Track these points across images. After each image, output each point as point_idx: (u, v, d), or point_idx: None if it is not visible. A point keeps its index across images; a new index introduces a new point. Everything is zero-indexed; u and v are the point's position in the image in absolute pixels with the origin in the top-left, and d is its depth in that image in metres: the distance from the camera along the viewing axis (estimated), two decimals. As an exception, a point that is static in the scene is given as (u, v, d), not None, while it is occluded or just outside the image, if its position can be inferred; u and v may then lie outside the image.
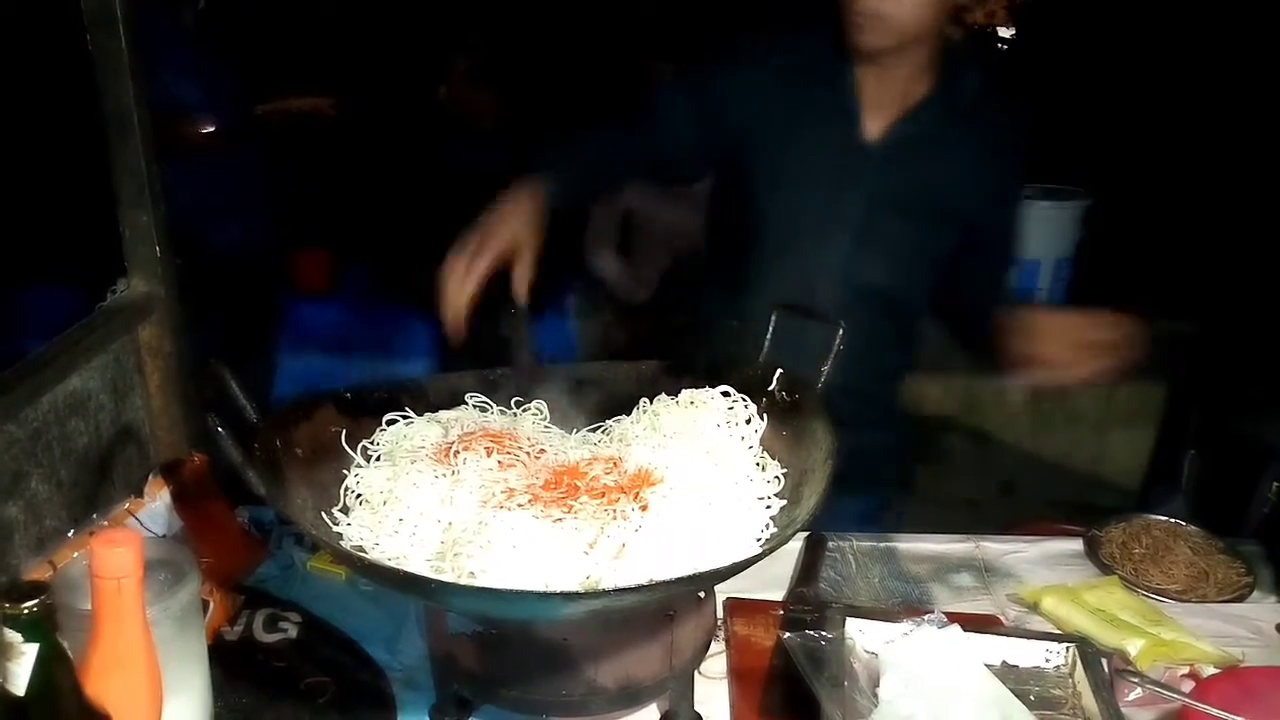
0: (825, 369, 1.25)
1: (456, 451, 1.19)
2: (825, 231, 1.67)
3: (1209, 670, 1.24)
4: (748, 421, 1.27)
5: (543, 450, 1.27)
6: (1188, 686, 1.20)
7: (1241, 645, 1.35)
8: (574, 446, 1.31)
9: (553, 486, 1.17)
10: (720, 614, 1.38)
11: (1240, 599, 1.48)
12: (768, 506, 1.16)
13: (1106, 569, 1.53)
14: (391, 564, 1.07)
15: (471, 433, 1.25)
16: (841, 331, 1.25)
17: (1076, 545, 1.61)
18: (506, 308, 1.46)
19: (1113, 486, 3.52)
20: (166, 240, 1.52)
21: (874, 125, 1.67)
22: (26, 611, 0.83)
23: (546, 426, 1.35)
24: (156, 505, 1.37)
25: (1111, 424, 3.60)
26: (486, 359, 1.41)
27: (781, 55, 1.71)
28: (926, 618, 1.18)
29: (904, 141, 1.66)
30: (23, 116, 3.01)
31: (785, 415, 1.26)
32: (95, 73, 1.44)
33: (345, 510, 1.17)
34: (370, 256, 3.49)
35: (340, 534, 1.12)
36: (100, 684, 0.90)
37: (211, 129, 2.84)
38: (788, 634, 1.21)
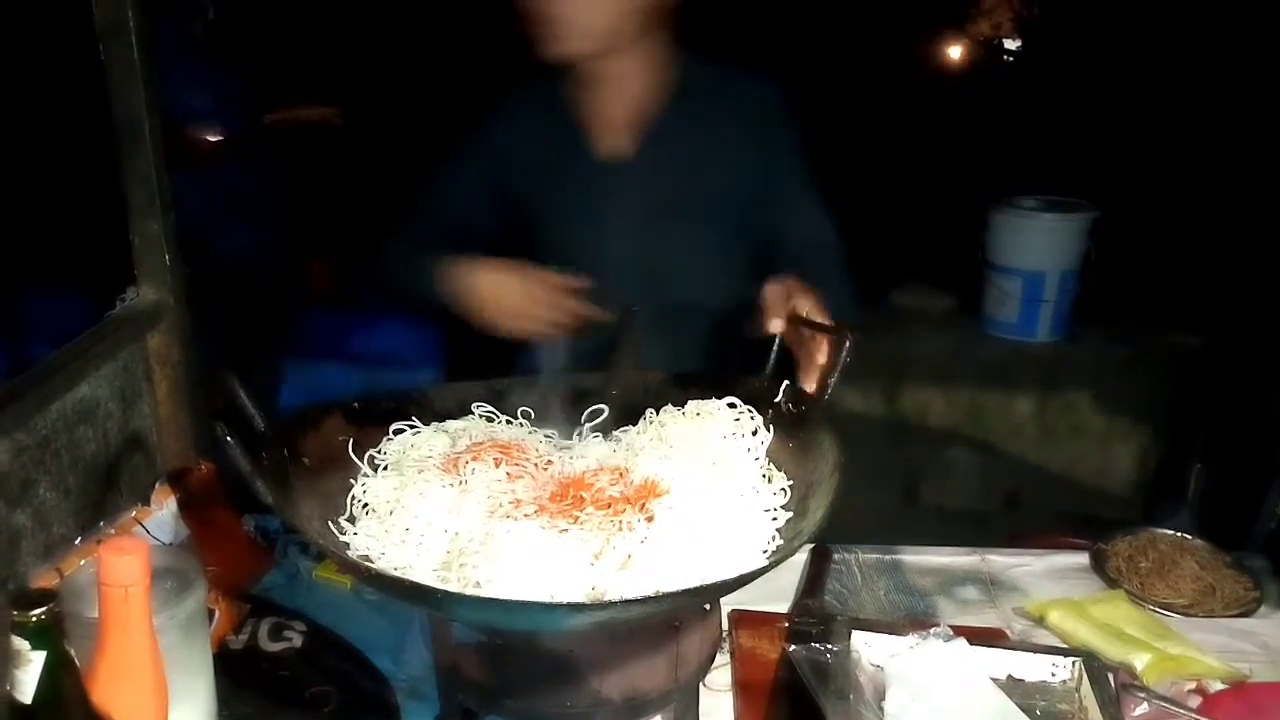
0: (832, 381, 1.25)
1: (465, 462, 1.19)
2: (612, 257, 1.65)
3: (1216, 686, 1.24)
4: (754, 433, 1.27)
5: (550, 462, 1.27)
6: (1194, 702, 1.20)
7: (1249, 661, 1.34)
8: (580, 457, 1.31)
9: (559, 498, 1.17)
10: (725, 626, 1.38)
11: (1248, 614, 1.47)
12: (774, 518, 1.16)
13: (1113, 583, 1.53)
14: (397, 573, 1.07)
15: (480, 443, 1.25)
16: (849, 343, 1.25)
17: (1082, 559, 1.61)
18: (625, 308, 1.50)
19: (1118, 499, 3.51)
20: (176, 249, 1.53)
21: (622, 141, 1.66)
22: (34, 619, 0.83)
23: (549, 438, 1.35)
24: (163, 513, 1.38)
25: (1117, 437, 3.59)
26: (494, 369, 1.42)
27: (523, 99, 1.73)
28: (932, 631, 1.18)
29: (657, 148, 1.65)
30: (33, 125, 3.03)
31: (792, 427, 1.26)
32: (106, 81, 1.45)
33: (352, 519, 1.17)
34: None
35: (347, 543, 1.12)
36: (106, 692, 0.91)
37: (220, 138, 2.86)
38: (793, 646, 1.21)
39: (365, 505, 1.18)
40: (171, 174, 1.52)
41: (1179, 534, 1.64)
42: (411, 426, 1.30)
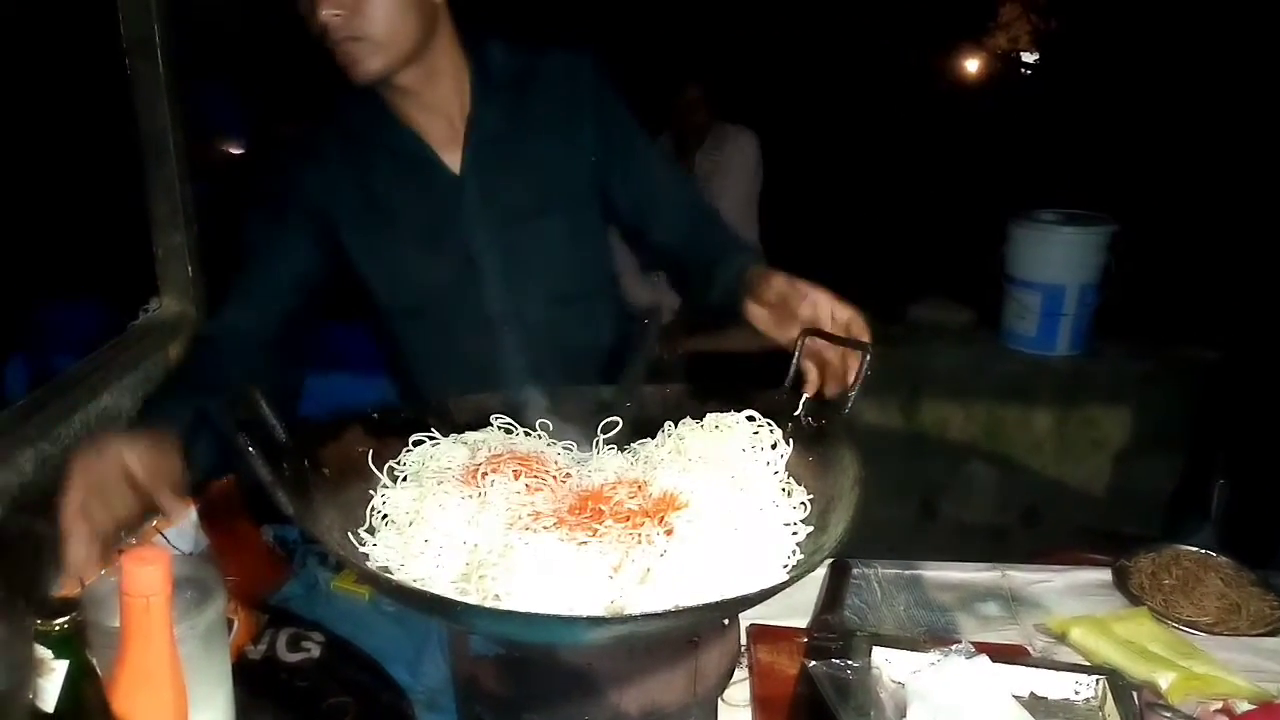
0: (852, 394, 1.24)
1: (484, 474, 1.19)
2: (472, 275, 1.58)
3: (1243, 706, 1.22)
4: (773, 446, 1.26)
5: (568, 474, 1.27)
6: (1220, 722, 1.18)
7: (1277, 681, 1.32)
8: (598, 470, 1.30)
9: (578, 511, 1.17)
10: (744, 641, 1.37)
11: (1274, 633, 1.45)
12: (794, 533, 1.15)
13: (1136, 600, 1.51)
14: (416, 585, 1.07)
15: (499, 455, 1.25)
16: (868, 356, 1.25)
17: (1105, 575, 1.59)
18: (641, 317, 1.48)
19: (1138, 515, 3.47)
20: (199, 261, 1.54)
21: (448, 151, 1.57)
22: (57, 628, 0.84)
23: (567, 449, 1.35)
24: (184, 523, 1.38)
25: (1137, 452, 3.56)
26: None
27: (341, 133, 1.60)
28: (954, 648, 1.17)
29: (483, 151, 1.57)
30: (60, 138, 3.06)
31: (812, 441, 1.26)
32: (132, 95, 1.47)
33: (371, 530, 1.17)
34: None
35: (366, 554, 1.12)
36: (128, 701, 0.91)
37: (241, 150, 2.88)
38: (813, 662, 1.20)
39: (385, 516, 1.18)
40: (194, 186, 1.54)
41: (1203, 551, 1.62)
42: (431, 438, 1.30)
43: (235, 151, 2.85)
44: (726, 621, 1.22)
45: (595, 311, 1.71)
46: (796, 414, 1.29)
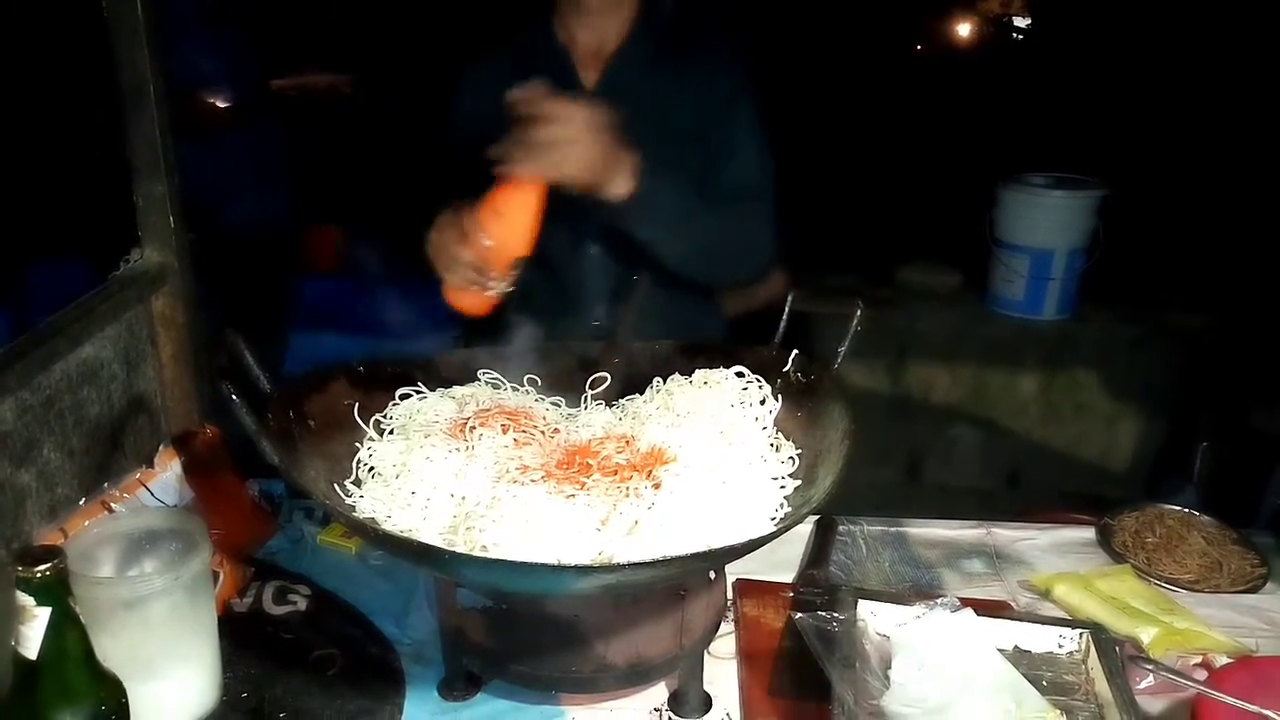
0: (843, 349, 1.24)
1: (472, 427, 1.19)
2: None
3: (1222, 660, 1.23)
4: (762, 402, 1.26)
5: (557, 429, 1.26)
6: (1200, 676, 1.19)
7: (1255, 636, 1.34)
8: (587, 425, 1.30)
9: (566, 465, 1.17)
10: (730, 595, 1.38)
11: (1254, 590, 1.47)
12: (782, 487, 1.15)
13: (1119, 558, 1.52)
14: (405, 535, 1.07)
15: (488, 409, 1.24)
16: (859, 313, 1.24)
17: (1088, 533, 1.60)
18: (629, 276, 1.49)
19: (1122, 479, 3.50)
20: (180, 211, 1.52)
21: (590, 74, 1.70)
22: (39, 575, 0.83)
23: (555, 405, 1.35)
24: (167, 476, 1.37)
25: (1122, 416, 3.58)
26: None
27: (499, 36, 1.75)
28: (939, 601, 1.18)
29: (619, 82, 1.68)
30: (37, 87, 3.00)
31: (801, 396, 1.26)
32: (111, 42, 1.43)
33: (357, 483, 1.16)
34: (385, 233, 3.49)
35: (352, 506, 1.12)
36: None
37: (227, 104, 2.83)
38: (799, 615, 1.20)
39: (371, 469, 1.17)
40: (176, 137, 1.51)
41: (1186, 510, 1.64)
42: (417, 392, 1.29)
43: (221, 104, 2.79)
44: (713, 575, 1.22)
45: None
46: (785, 370, 1.29)
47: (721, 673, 1.26)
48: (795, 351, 1.29)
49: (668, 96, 1.69)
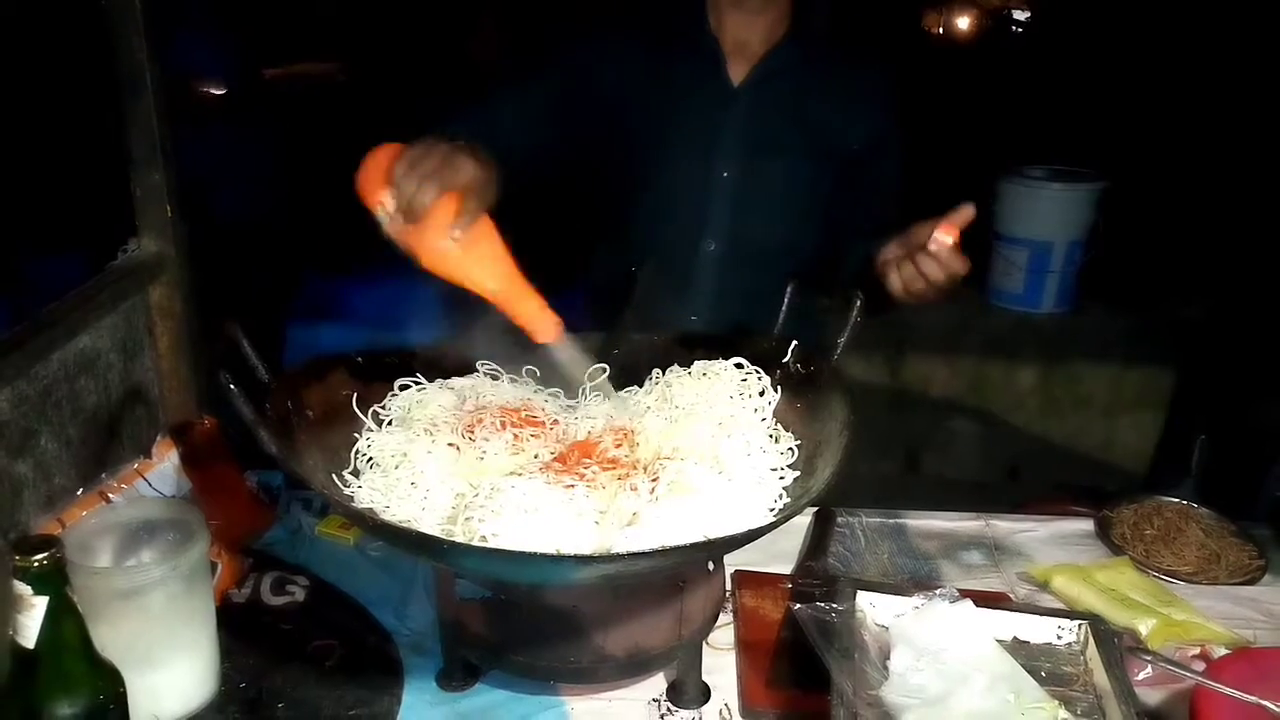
0: (842, 340, 1.24)
1: (471, 426, 1.18)
2: (704, 181, 1.68)
3: (1220, 651, 1.23)
4: (761, 393, 1.26)
5: (555, 422, 1.26)
6: (1199, 667, 1.19)
7: (1253, 628, 1.34)
8: (586, 417, 1.29)
9: (565, 461, 1.16)
10: (728, 586, 1.38)
11: (1251, 582, 1.47)
12: (781, 478, 1.15)
13: (1117, 549, 1.53)
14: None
15: (486, 407, 1.24)
16: (859, 302, 1.24)
17: (1087, 525, 1.60)
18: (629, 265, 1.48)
19: (1120, 471, 3.50)
20: (178, 201, 1.51)
21: (737, 70, 1.67)
22: (37, 564, 0.83)
23: (554, 396, 1.34)
24: (165, 466, 1.37)
25: (1120, 408, 3.58)
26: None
27: (641, 17, 1.72)
28: (938, 592, 1.18)
29: (769, 83, 1.66)
30: (36, 78, 2.99)
31: (800, 387, 1.25)
32: (108, 31, 1.43)
33: (356, 473, 1.16)
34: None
35: (351, 496, 1.11)
36: None
37: (221, 92, 2.82)
38: (798, 605, 1.20)
39: (369, 460, 1.17)
40: (173, 126, 1.50)
41: (1184, 502, 1.64)
42: (416, 383, 1.29)
43: (217, 92, 2.79)
44: (711, 566, 1.22)
45: (782, 262, 1.68)
46: (785, 361, 1.28)
47: (720, 663, 1.26)
48: (795, 342, 1.29)
49: (814, 101, 1.67)
